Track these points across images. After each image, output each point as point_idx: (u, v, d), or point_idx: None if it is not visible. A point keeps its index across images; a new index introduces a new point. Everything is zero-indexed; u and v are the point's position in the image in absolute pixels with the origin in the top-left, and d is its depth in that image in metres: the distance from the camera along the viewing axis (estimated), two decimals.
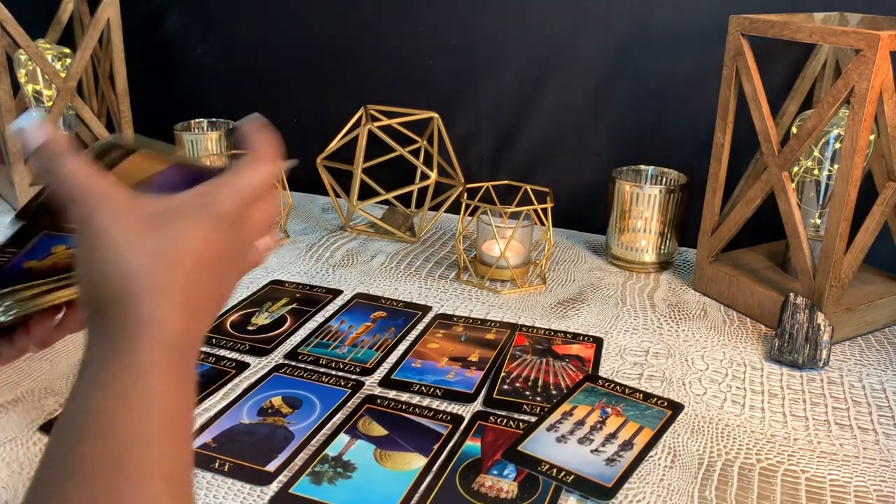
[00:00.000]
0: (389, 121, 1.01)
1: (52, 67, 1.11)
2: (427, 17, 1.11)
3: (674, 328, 0.82)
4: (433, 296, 0.89)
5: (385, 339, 0.79)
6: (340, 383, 0.70)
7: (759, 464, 0.61)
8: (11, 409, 0.65)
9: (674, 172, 0.98)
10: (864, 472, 0.60)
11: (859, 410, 0.68)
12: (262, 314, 0.83)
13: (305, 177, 1.15)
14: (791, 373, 0.74)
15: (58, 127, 1.16)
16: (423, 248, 1.03)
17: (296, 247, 1.02)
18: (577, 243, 1.06)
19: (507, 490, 0.57)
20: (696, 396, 0.70)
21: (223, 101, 1.29)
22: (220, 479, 0.57)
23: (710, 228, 0.89)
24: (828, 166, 0.84)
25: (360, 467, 0.59)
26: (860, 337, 0.81)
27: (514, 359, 0.75)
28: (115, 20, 1.13)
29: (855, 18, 0.85)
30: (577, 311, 0.86)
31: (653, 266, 0.96)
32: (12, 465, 0.58)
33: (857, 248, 0.77)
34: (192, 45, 1.28)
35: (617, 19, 1.02)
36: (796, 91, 0.89)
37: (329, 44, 1.18)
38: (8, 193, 1.15)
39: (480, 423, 0.65)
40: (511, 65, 1.09)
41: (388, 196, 1.06)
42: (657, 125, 1.04)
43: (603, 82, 1.05)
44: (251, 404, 0.67)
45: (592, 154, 1.09)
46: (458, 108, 1.13)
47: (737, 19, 0.79)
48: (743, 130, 0.84)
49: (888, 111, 0.72)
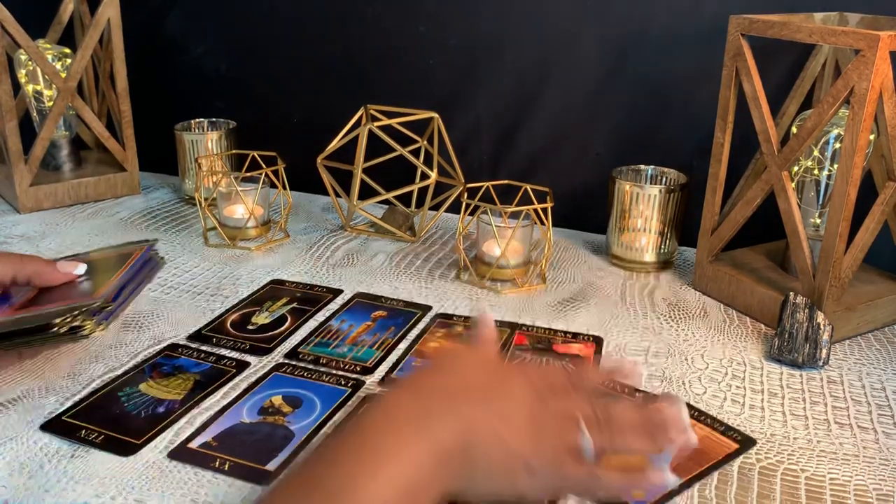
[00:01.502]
0: (389, 121, 1.01)
1: (53, 67, 1.11)
2: (427, 17, 1.12)
3: (674, 327, 0.82)
4: (433, 295, 0.89)
5: (385, 338, 0.79)
6: (341, 382, 0.70)
7: (759, 463, 0.61)
8: (11, 409, 0.65)
9: (674, 172, 0.98)
10: (863, 471, 0.60)
11: (859, 409, 0.68)
12: (262, 313, 0.83)
13: (305, 177, 1.15)
14: (791, 372, 0.74)
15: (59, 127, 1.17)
16: (424, 248, 1.03)
17: (296, 247, 1.02)
18: (577, 243, 1.06)
19: None
20: (696, 396, 0.70)
21: (223, 101, 1.29)
22: (221, 478, 0.57)
23: (710, 228, 0.89)
24: (828, 166, 0.84)
25: None
26: (860, 336, 0.81)
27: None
28: (115, 20, 1.14)
29: (855, 18, 0.85)
30: (577, 310, 0.86)
31: (653, 266, 0.96)
32: (13, 464, 0.58)
33: (857, 248, 0.77)
34: (193, 45, 1.28)
35: (617, 19, 1.02)
36: (796, 91, 0.89)
37: (329, 44, 1.19)
38: (8, 193, 1.16)
39: None
40: (511, 65, 1.09)
41: (388, 196, 1.06)
42: (657, 125, 1.04)
43: (603, 82, 1.05)
44: (251, 403, 0.67)
45: (592, 154, 1.09)
46: (458, 108, 1.13)
47: (737, 19, 0.79)
48: (743, 130, 0.84)
49: (888, 111, 0.72)
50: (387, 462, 0.43)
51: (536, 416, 0.48)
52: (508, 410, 0.48)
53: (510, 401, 0.49)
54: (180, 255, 0.98)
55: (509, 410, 0.48)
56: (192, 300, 0.86)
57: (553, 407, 0.49)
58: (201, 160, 1.06)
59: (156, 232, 1.06)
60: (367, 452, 0.43)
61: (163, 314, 0.83)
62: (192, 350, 0.76)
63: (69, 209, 1.14)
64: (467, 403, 0.47)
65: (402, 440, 0.44)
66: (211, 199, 1.04)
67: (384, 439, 0.44)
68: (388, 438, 0.44)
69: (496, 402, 0.48)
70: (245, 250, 1.00)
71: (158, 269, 0.92)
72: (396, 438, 0.44)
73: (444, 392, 0.49)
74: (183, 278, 0.92)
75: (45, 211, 1.13)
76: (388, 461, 0.43)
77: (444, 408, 0.47)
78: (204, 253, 0.99)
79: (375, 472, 0.42)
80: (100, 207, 1.15)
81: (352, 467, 0.42)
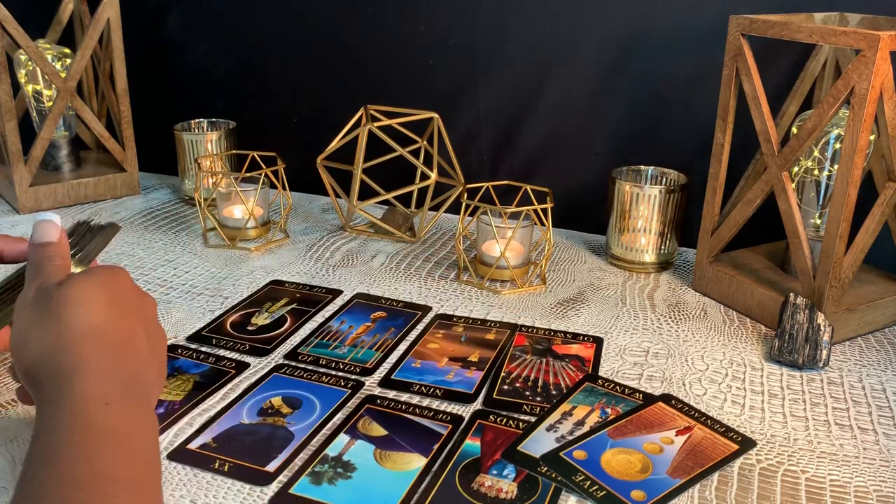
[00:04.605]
0: (389, 121, 1.01)
1: (52, 67, 1.11)
2: (427, 17, 1.11)
3: (674, 328, 0.82)
4: (433, 296, 0.89)
5: (385, 339, 0.79)
6: (340, 383, 0.70)
7: (759, 464, 0.61)
8: (11, 408, 0.65)
9: (674, 172, 0.98)
10: (864, 472, 0.60)
11: (859, 411, 0.68)
12: (262, 314, 0.83)
13: (305, 177, 1.15)
14: (791, 373, 0.74)
15: (58, 127, 1.16)
16: (423, 249, 1.03)
17: (296, 247, 1.02)
18: (577, 243, 1.06)
19: (506, 490, 0.57)
20: (696, 397, 0.70)
21: (223, 101, 1.29)
22: (220, 480, 0.57)
23: (710, 228, 0.89)
24: (828, 166, 0.84)
25: (360, 467, 0.59)
26: (860, 337, 0.81)
27: (514, 359, 0.75)
28: (115, 20, 1.13)
29: (855, 18, 0.85)
30: (577, 311, 0.86)
31: (653, 266, 0.96)
32: (13, 464, 0.58)
33: (857, 249, 0.77)
34: (193, 45, 1.28)
35: (617, 19, 1.02)
36: (796, 91, 0.89)
37: (329, 44, 1.18)
38: (8, 193, 1.15)
39: (480, 423, 0.65)
40: (511, 65, 1.09)
41: (388, 196, 1.06)
42: (657, 125, 1.04)
43: (603, 82, 1.05)
44: (251, 404, 0.67)
45: (592, 154, 1.09)
46: (458, 108, 1.13)
47: (737, 19, 0.79)
48: (743, 130, 0.84)
49: (888, 111, 0.72)
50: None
51: None
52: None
53: None
54: (180, 255, 0.98)
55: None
56: (191, 301, 0.86)
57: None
58: (201, 160, 1.06)
59: (155, 232, 1.06)
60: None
61: (162, 315, 0.83)
62: (192, 351, 0.75)
63: (69, 209, 1.14)
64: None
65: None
66: (210, 200, 1.04)
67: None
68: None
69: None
70: (245, 251, 1.00)
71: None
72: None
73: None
74: (182, 279, 0.92)
75: (44, 211, 1.13)
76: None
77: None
78: (203, 253, 0.99)
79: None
80: (99, 208, 1.15)
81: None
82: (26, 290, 0.51)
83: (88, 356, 0.47)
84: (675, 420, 0.65)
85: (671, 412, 0.67)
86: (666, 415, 0.66)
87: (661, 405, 0.68)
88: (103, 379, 0.46)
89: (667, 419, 0.66)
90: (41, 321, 0.48)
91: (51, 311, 0.48)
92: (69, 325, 0.47)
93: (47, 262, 0.52)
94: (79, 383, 0.45)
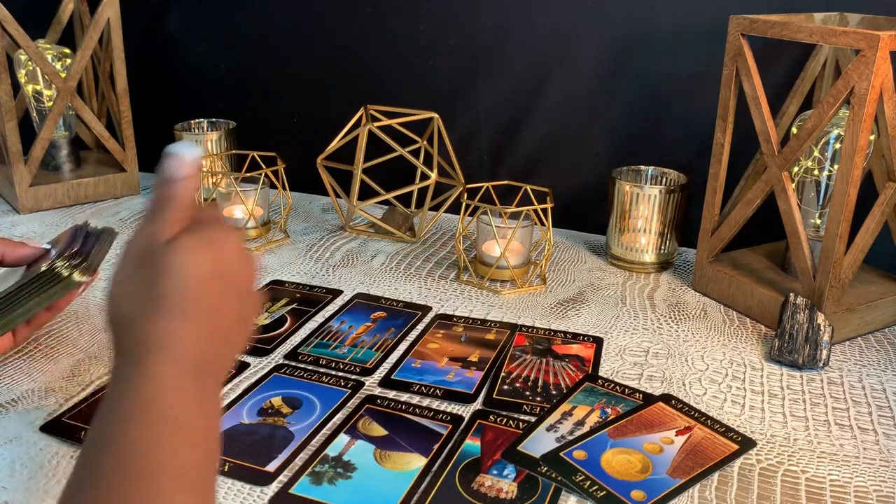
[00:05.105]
0: (389, 121, 1.01)
1: (52, 67, 1.11)
2: (427, 17, 1.11)
3: (674, 328, 0.82)
4: (433, 296, 0.89)
5: (385, 339, 0.79)
6: (340, 383, 0.70)
7: (759, 464, 0.61)
8: (11, 409, 0.65)
9: (674, 172, 0.98)
10: (864, 472, 0.60)
11: (859, 411, 0.68)
12: (261, 314, 0.83)
13: (305, 177, 1.15)
14: (791, 373, 0.74)
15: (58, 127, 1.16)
16: (423, 249, 1.03)
17: (296, 247, 1.02)
18: (577, 243, 1.06)
19: (506, 490, 0.57)
20: (696, 397, 0.70)
21: (223, 101, 1.29)
22: (220, 479, 0.57)
23: (710, 229, 0.89)
24: (828, 166, 0.84)
25: (360, 467, 0.59)
26: (860, 337, 0.81)
27: (514, 359, 0.75)
28: (115, 20, 1.13)
29: (855, 18, 0.85)
30: (577, 311, 0.86)
31: (653, 266, 0.96)
32: (13, 464, 0.58)
33: (857, 249, 0.77)
34: (193, 45, 1.28)
35: (617, 19, 1.02)
36: (796, 91, 0.89)
37: (329, 44, 1.18)
38: (8, 193, 1.16)
39: (480, 423, 0.65)
40: (511, 65, 1.09)
41: (388, 196, 1.06)
42: (657, 125, 1.04)
43: (603, 82, 1.05)
44: (251, 404, 0.67)
45: (592, 154, 1.09)
46: (458, 108, 1.13)
47: (737, 19, 0.79)
48: (743, 130, 0.84)
49: (888, 111, 0.72)
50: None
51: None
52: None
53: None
54: None
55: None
56: None
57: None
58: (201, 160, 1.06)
59: None
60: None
61: None
62: None
63: (69, 209, 1.14)
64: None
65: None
66: (211, 200, 1.04)
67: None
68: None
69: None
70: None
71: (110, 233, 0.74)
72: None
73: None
74: None
75: (44, 211, 1.13)
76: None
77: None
78: None
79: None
80: (100, 208, 1.15)
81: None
82: (139, 232, 0.48)
83: (175, 334, 0.44)
84: (675, 420, 0.66)
85: (671, 412, 0.67)
86: (666, 415, 0.66)
87: (661, 405, 0.68)
88: (182, 361, 0.44)
89: (667, 419, 0.66)
90: (140, 279, 0.46)
91: (152, 272, 0.46)
92: (163, 296, 0.45)
93: (165, 208, 0.48)
94: (158, 364, 0.43)
